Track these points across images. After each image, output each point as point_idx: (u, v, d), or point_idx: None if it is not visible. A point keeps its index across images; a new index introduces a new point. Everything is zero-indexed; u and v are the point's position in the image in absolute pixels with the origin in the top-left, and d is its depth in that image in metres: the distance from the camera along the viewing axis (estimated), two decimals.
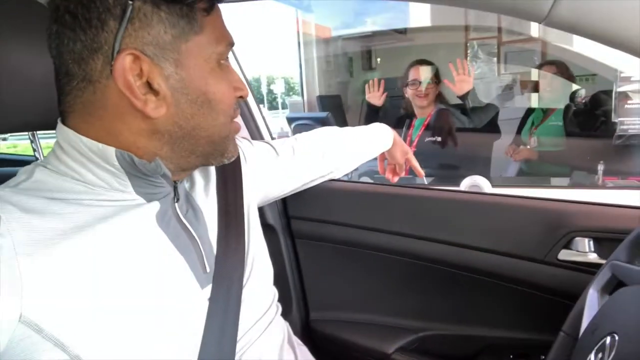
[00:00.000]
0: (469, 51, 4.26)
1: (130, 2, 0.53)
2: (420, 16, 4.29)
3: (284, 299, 0.86)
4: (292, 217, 1.26)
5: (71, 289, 0.52)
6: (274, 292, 0.84)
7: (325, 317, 1.39)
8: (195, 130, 0.61)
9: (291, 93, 6.13)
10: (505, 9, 0.78)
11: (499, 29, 4.10)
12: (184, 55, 0.58)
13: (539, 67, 2.68)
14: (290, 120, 3.20)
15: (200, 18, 0.59)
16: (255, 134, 1.35)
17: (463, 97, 2.60)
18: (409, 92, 2.71)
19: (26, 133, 1.55)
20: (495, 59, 4.21)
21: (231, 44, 0.64)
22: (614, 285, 0.71)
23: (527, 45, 4.04)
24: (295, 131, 3.53)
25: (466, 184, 1.75)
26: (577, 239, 1.01)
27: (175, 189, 0.67)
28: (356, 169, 3.22)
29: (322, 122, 2.94)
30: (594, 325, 0.67)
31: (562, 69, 2.83)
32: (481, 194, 1.23)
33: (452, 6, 0.83)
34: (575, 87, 3.37)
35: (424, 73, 2.66)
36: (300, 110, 4.54)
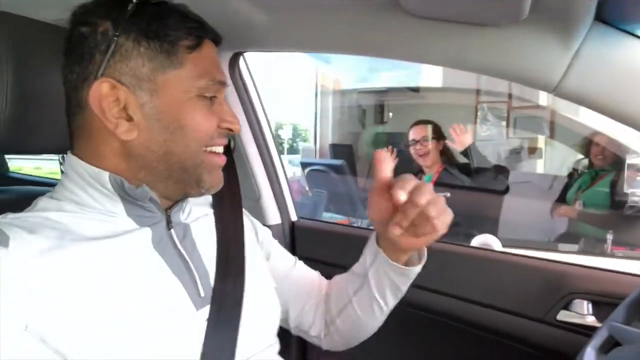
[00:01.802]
0: (479, 113, 4.37)
1: (115, 38, 0.61)
2: (433, 76, 4.43)
3: (283, 338, 0.87)
4: (299, 257, 1.29)
5: (73, 302, 0.56)
6: (274, 332, 0.83)
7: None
8: (167, 155, 0.65)
9: (298, 139, 6.24)
10: (519, 78, 0.85)
11: (510, 95, 4.22)
12: (160, 86, 0.63)
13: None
14: (304, 165, 3.26)
15: (182, 54, 0.64)
16: (273, 175, 1.40)
17: (465, 153, 2.68)
18: (412, 152, 2.79)
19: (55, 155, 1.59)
20: (504, 123, 4.31)
21: (216, 80, 0.67)
22: (611, 345, 0.73)
23: (536, 112, 4.14)
24: (309, 176, 3.60)
25: (478, 241, 1.78)
26: (576, 300, 1.04)
27: (168, 217, 0.70)
28: (366, 218, 3.25)
29: (336, 170, 3.00)
30: None
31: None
32: (486, 249, 1.26)
33: (465, 70, 0.90)
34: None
35: (423, 132, 2.73)
36: (311, 156, 4.62)
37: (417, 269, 0.80)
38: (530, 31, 0.78)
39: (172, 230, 0.70)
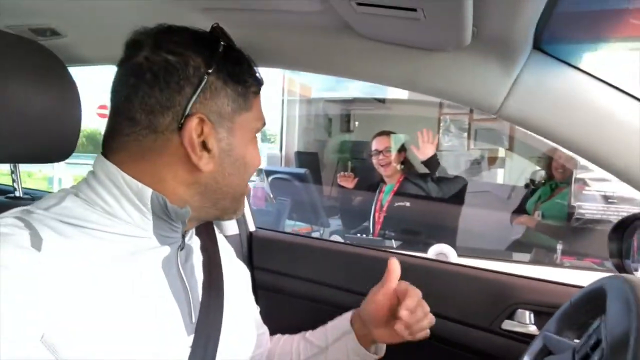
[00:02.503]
0: (441, 125, 4.48)
1: (206, 76, 0.64)
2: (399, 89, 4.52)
3: None
4: (256, 267, 1.30)
5: (87, 317, 0.56)
6: (247, 357, 0.84)
7: None
8: (227, 186, 0.70)
9: (265, 142, 6.25)
10: (465, 101, 0.90)
11: (471, 108, 4.34)
12: (236, 125, 0.68)
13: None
14: (268, 173, 3.27)
15: (251, 98, 0.70)
16: None
17: (426, 163, 2.74)
18: (374, 162, 2.84)
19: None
20: (465, 134, 4.44)
21: (265, 123, 0.75)
22: (544, 354, 0.78)
23: (495, 124, 4.28)
24: (272, 184, 3.61)
25: (433, 251, 1.83)
26: (519, 310, 1.09)
27: (183, 237, 0.72)
28: (329, 227, 3.27)
29: (300, 179, 3.02)
30: None
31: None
32: (437, 261, 1.31)
33: (415, 92, 0.94)
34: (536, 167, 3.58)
35: (386, 143, 2.79)
36: (277, 163, 4.63)
37: (375, 357, 0.90)
38: (474, 57, 0.83)
39: (181, 252, 0.72)
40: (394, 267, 0.85)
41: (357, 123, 5.06)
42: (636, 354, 0.49)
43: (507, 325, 1.10)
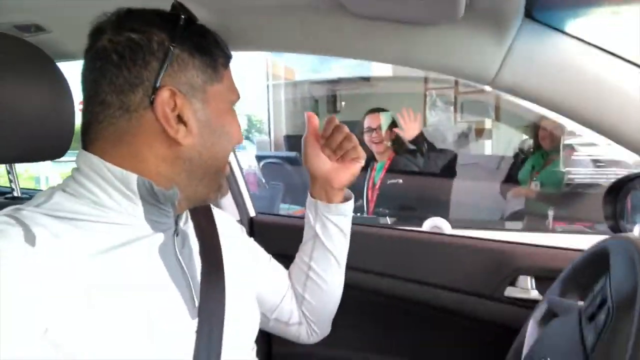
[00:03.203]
0: (427, 100, 4.49)
1: (171, 48, 0.64)
2: (384, 66, 4.51)
3: None
4: None
5: (87, 309, 0.56)
6: (254, 337, 0.85)
7: (285, 352, 1.42)
8: (211, 159, 0.71)
9: (253, 130, 6.21)
10: (458, 73, 0.90)
11: (456, 82, 4.35)
12: (209, 96, 0.69)
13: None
14: (259, 158, 3.26)
15: (220, 70, 0.70)
16: (229, 172, 1.41)
17: (414, 142, 2.74)
18: (365, 139, 2.83)
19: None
20: (452, 108, 4.45)
21: (239, 96, 0.76)
22: (549, 317, 0.80)
23: (481, 96, 4.30)
24: (264, 169, 3.60)
25: (428, 225, 1.85)
26: (521, 277, 1.11)
27: (176, 222, 0.72)
28: None
29: (291, 162, 3.02)
30: (532, 352, 0.76)
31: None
32: (435, 234, 1.33)
33: (409, 67, 0.94)
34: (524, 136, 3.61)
35: (378, 120, 2.78)
36: (266, 148, 4.62)
37: (350, 204, 0.95)
38: (466, 30, 0.83)
39: (177, 238, 0.72)
40: (310, 115, 0.94)
41: (343, 103, 5.05)
42: None
43: (510, 292, 1.12)
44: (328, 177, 0.91)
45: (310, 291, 0.96)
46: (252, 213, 1.53)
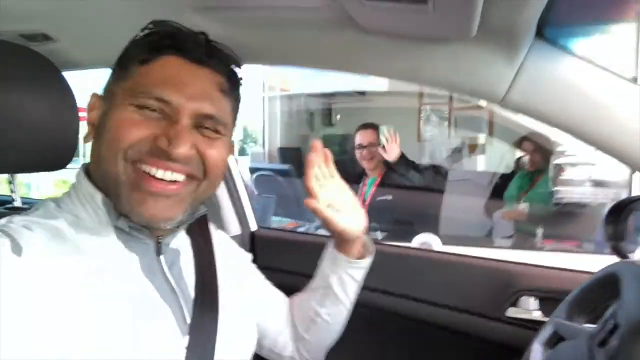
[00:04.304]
0: (422, 115, 4.51)
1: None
2: (380, 80, 4.53)
3: None
4: (259, 267, 1.29)
5: (70, 319, 0.56)
6: (249, 354, 0.83)
7: None
8: (97, 163, 0.65)
9: (248, 140, 6.21)
10: (468, 91, 0.90)
11: (450, 97, 4.38)
12: (111, 96, 0.67)
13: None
14: (252, 170, 3.25)
15: (131, 67, 0.66)
16: (231, 186, 1.40)
17: (395, 164, 2.72)
18: (357, 155, 2.83)
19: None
20: (446, 124, 4.47)
21: (154, 96, 0.63)
22: (555, 340, 0.79)
23: (475, 112, 4.33)
24: (257, 181, 3.58)
25: (418, 240, 1.84)
26: (523, 297, 1.10)
27: (158, 243, 0.70)
28: (314, 221, 3.29)
29: (284, 175, 3.02)
30: None
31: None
32: (438, 252, 1.32)
33: (419, 84, 0.94)
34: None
35: (369, 137, 2.78)
36: (261, 160, 4.61)
37: (369, 260, 0.92)
38: (478, 48, 0.83)
39: (162, 257, 0.70)
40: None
41: (338, 116, 5.07)
42: None
43: (512, 312, 1.11)
44: (341, 230, 0.85)
45: (313, 332, 0.93)
46: (254, 227, 1.51)
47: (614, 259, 0.80)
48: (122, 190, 0.63)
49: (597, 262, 0.84)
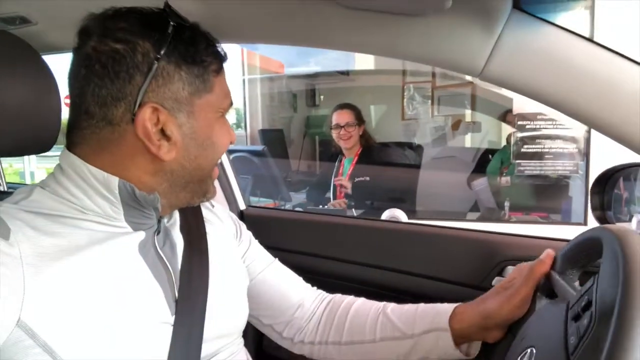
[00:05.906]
0: (405, 94, 4.51)
1: (156, 62, 0.61)
2: (363, 59, 4.51)
3: None
4: None
5: (65, 301, 0.57)
6: (240, 327, 0.85)
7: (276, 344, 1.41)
8: (196, 169, 0.69)
9: (232, 124, 6.18)
10: (447, 64, 0.90)
11: (433, 74, 4.38)
12: (196, 108, 0.66)
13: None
14: (229, 152, 3.23)
15: (211, 78, 0.67)
16: (218, 165, 1.39)
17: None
18: (334, 135, 2.85)
19: None
20: (429, 102, 4.48)
21: (232, 102, 0.74)
22: (546, 289, 0.77)
23: (458, 89, 4.34)
24: (234, 163, 3.55)
25: (386, 215, 1.87)
26: (508, 267, 1.12)
27: (159, 222, 0.72)
28: (291, 201, 3.32)
29: (258, 155, 3.05)
30: (522, 335, 0.74)
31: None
32: (425, 225, 1.33)
33: (397, 59, 0.94)
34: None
35: (346, 117, 2.80)
36: (243, 143, 4.58)
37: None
38: (455, 20, 0.83)
39: (158, 236, 0.71)
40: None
41: (322, 97, 5.05)
42: (619, 326, 0.46)
43: (497, 282, 1.13)
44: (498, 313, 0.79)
45: (355, 350, 0.88)
46: (243, 206, 1.52)
47: (581, 229, 0.78)
48: (210, 184, 0.75)
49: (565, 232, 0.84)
